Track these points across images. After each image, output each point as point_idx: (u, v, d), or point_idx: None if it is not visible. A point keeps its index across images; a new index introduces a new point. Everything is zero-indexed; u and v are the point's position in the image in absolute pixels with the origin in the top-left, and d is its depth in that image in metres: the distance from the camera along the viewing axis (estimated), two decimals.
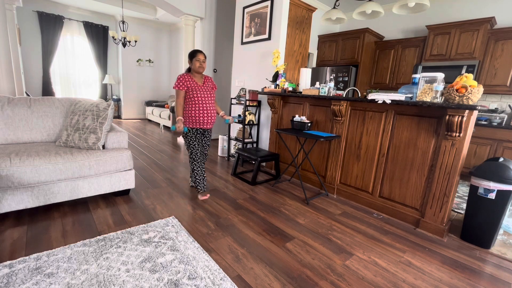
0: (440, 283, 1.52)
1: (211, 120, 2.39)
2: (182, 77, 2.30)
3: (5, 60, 3.13)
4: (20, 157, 1.80)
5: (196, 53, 2.31)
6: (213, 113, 2.41)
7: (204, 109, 2.33)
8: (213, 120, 2.43)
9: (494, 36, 3.45)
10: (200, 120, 2.33)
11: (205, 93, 2.35)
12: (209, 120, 2.38)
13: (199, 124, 2.35)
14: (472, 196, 1.96)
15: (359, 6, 2.96)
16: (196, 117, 2.32)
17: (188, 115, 2.34)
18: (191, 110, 2.31)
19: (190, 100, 2.31)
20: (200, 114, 2.32)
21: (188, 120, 2.34)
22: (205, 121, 2.36)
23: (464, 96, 1.78)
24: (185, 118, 2.35)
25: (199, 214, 2.16)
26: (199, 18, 4.74)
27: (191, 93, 2.30)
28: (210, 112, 2.37)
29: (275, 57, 3.27)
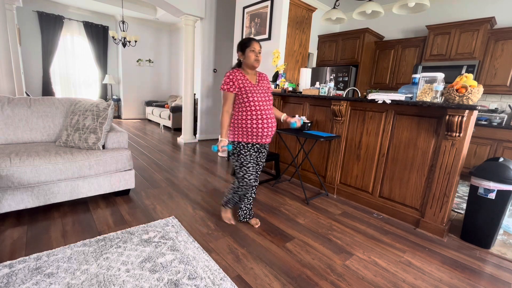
0: (440, 283, 1.52)
1: (271, 131, 1.80)
2: (233, 74, 1.73)
3: (5, 60, 3.13)
4: (20, 157, 1.80)
5: (251, 42, 1.73)
6: (274, 121, 1.82)
7: (262, 117, 1.73)
8: (274, 130, 1.83)
9: (494, 36, 3.45)
10: (259, 132, 1.74)
11: (262, 95, 1.76)
12: (269, 131, 1.78)
13: (256, 138, 1.75)
14: (472, 196, 1.96)
15: (359, 6, 2.97)
16: (252, 128, 1.73)
17: (240, 126, 1.75)
18: (245, 120, 1.73)
19: (242, 105, 1.73)
20: (258, 124, 1.72)
21: (241, 133, 1.75)
22: (265, 133, 1.75)
23: (464, 96, 1.78)
24: (235, 129, 1.77)
25: (199, 214, 2.16)
26: (199, 18, 4.74)
27: (244, 96, 1.71)
28: (270, 120, 1.78)
29: (275, 57, 3.27)
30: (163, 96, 8.10)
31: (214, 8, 4.87)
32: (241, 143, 1.77)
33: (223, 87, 1.74)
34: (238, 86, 1.72)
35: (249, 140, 1.76)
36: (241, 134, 1.76)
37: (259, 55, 1.76)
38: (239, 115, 1.75)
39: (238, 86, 1.72)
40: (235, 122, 1.78)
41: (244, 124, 1.74)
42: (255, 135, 1.75)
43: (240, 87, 1.72)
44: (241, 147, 1.78)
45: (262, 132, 1.75)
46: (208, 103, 5.19)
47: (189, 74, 4.81)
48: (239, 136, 1.77)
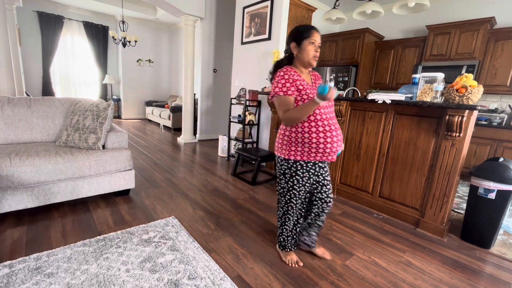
0: (440, 283, 1.52)
1: (340, 144, 1.41)
2: (289, 73, 1.33)
3: (5, 60, 3.13)
4: (20, 157, 1.80)
5: (311, 32, 1.35)
6: (341, 133, 1.44)
7: (330, 128, 1.36)
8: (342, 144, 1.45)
9: (494, 36, 3.45)
10: (327, 147, 1.35)
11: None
12: (338, 145, 1.39)
13: (322, 155, 1.38)
14: (472, 196, 1.96)
15: (359, 6, 2.96)
16: (318, 143, 1.34)
17: (299, 140, 1.37)
18: (308, 132, 1.34)
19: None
20: (326, 138, 1.34)
21: (300, 149, 1.38)
22: (333, 148, 1.37)
23: (464, 96, 1.78)
24: (291, 145, 1.39)
25: (199, 214, 2.16)
26: (199, 18, 4.74)
27: (303, 100, 1.34)
28: (339, 131, 1.41)
29: (275, 57, 3.27)
30: (163, 96, 8.10)
31: (214, 8, 4.87)
32: (299, 162, 1.39)
33: (279, 91, 1.31)
34: (297, 88, 1.32)
35: (310, 158, 1.38)
36: (300, 150, 1.38)
37: (319, 50, 1.40)
38: (298, 127, 1.36)
39: (297, 89, 1.32)
40: (291, 135, 1.38)
41: (307, 139, 1.35)
42: (320, 152, 1.35)
43: (299, 90, 1.32)
44: (297, 167, 1.40)
45: (331, 147, 1.35)
46: (208, 103, 5.19)
47: (189, 74, 4.81)
48: (297, 154, 1.38)
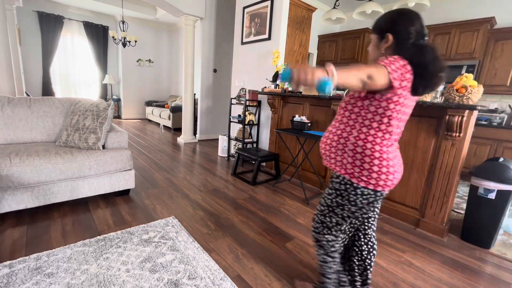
0: (440, 283, 1.52)
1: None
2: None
3: (5, 60, 3.13)
4: (20, 157, 1.80)
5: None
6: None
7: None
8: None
9: (494, 36, 3.45)
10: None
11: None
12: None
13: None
14: (472, 196, 1.96)
15: (359, 6, 2.97)
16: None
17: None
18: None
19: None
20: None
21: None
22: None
23: (464, 96, 1.78)
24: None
25: (199, 214, 2.16)
26: (199, 18, 4.74)
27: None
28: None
29: (275, 57, 3.27)
30: (163, 96, 8.10)
31: (214, 8, 4.87)
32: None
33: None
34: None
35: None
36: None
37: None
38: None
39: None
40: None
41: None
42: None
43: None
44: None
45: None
46: (208, 103, 5.19)
47: (189, 74, 4.81)
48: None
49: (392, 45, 1.03)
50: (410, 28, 1.00)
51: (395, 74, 0.92)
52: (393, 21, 1.03)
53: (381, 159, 1.00)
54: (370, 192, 1.04)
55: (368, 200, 1.06)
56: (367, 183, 1.02)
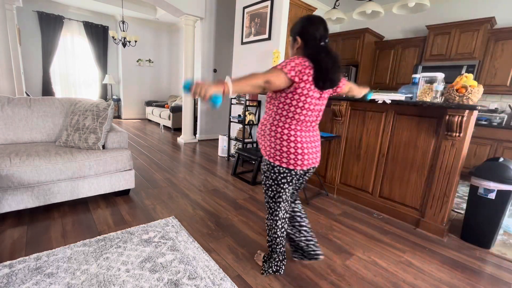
0: (440, 283, 1.52)
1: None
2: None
3: (5, 60, 3.13)
4: (20, 157, 1.80)
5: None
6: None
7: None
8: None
9: (494, 36, 3.45)
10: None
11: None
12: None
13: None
14: (472, 196, 1.96)
15: (359, 6, 2.97)
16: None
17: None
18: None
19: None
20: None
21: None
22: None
23: (464, 96, 1.78)
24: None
25: (199, 214, 2.16)
26: (199, 18, 4.74)
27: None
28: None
29: (275, 57, 3.27)
30: (163, 96, 8.10)
31: (214, 8, 4.87)
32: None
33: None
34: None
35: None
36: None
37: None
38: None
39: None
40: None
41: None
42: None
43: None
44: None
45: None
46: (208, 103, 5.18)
47: (189, 74, 4.81)
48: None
49: (301, 46, 1.26)
50: (315, 32, 1.23)
51: (292, 72, 1.14)
52: (302, 26, 1.26)
53: (289, 141, 1.24)
54: (285, 171, 1.29)
55: (286, 178, 1.30)
56: (280, 162, 1.27)
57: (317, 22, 1.26)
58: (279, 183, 1.32)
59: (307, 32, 1.25)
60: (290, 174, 1.30)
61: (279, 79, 1.14)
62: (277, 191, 1.35)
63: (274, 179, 1.33)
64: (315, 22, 1.26)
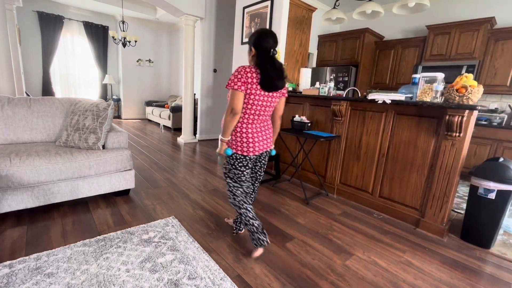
0: (440, 283, 1.52)
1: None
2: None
3: (5, 60, 3.13)
4: (20, 157, 1.80)
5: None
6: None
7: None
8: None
9: (494, 36, 3.45)
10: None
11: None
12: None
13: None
14: (472, 196, 1.96)
15: (359, 6, 2.97)
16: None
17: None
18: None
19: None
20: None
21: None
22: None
23: (464, 96, 1.78)
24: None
25: (199, 214, 2.16)
26: (199, 18, 4.74)
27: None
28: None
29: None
30: (163, 96, 8.10)
31: (214, 8, 4.87)
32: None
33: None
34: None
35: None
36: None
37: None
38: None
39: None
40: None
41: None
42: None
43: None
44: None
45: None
46: (208, 103, 5.19)
47: (189, 74, 4.81)
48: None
49: (255, 55, 1.52)
50: (266, 45, 1.47)
51: (238, 83, 1.42)
52: (256, 38, 1.50)
53: (242, 133, 1.54)
54: (241, 156, 1.57)
55: (242, 162, 1.59)
56: (236, 149, 1.56)
57: (268, 36, 1.49)
58: (237, 166, 1.60)
59: (259, 44, 1.49)
60: (245, 159, 1.59)
61: (238, 98, 1.45)
62: (236, 174, 1.62)
63: (232, 164, 1.61)
64: (267, 36, 1.49)
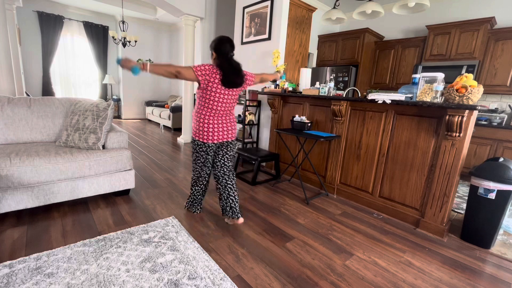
0: (440, 283, 1.52)
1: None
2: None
3: (5, 60, 3.13)
4: (20, 157, 1.80)
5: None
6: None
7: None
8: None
9: (494, 36, 3.45)
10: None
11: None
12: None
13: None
14: (472, 196, 1.96)
15: (359, 6, 2.96)
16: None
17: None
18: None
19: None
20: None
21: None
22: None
23: (464, 96, 1.78)
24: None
25: (199, 214, 2.16)
26: (199, 18, 4.74)
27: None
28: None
29: (275, 57, 3.27)
30: (163, 96, 8.10)
31: (214, 8, 4.87)
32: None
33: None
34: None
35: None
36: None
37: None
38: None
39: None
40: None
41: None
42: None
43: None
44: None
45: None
46: None
47: None
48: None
49: (215, 57, 1.81)
50: (224, 49, 1.78)
51: (199, 73, 1.71)
52: (215, 44, 1.80)
53: (204, 123, 1.82)
54: (201, 143, 1.87)
55: (202, 148, 1.88)
56: (197, 136, 1.86)
57: (225, 42, 1.79)
58: (198, 151, 1.91)
59: (218, 49, 1.79)
60: (204, 146, 1.87)
61: (188, 74, 1.70)
62: (197, 157, 1.94)
63: (194, 148, 1.93)
64: (224, 42, 1.79)
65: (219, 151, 1.95)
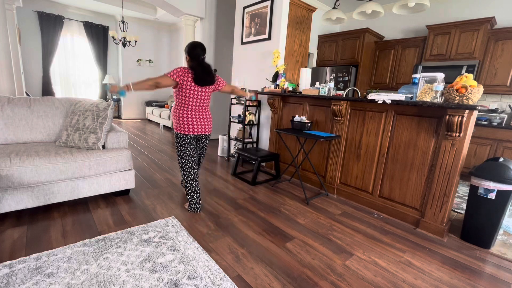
0: (440, 283, 1.52)
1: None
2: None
3: (5, 60, 3.13)
4: (20, 157, 1.80)
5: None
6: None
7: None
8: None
9: (494, 36, 3.45)
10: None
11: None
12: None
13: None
14: (472, 196, 1.96)
15: (359, 6, 2.96)
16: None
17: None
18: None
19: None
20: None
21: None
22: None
23: (464, 96, 1.78)
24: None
25: (199, 214, 2.16)
26: (199, 18, 4.74)
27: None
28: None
29: (275, 57, 3.27)
30: (163, 96, 8.10)
31: (214, 8, 4.88)
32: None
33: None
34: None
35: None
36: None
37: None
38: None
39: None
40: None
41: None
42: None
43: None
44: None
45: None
46: None
47: None
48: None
49: (189, 60, 2.09)
50: (194, 53, 2.07)
51: (175, 75, 1.97)
52: (188, 49, 2.09)
53: (183, 118, 2.09)
54: (182, 135, 2.12)
55: (185, 140, 2.12)
56: (179, 130, 2.12)
57: (197, 46, 2.08)
58: (182, 143, 2.13)
59: (191, 52, 2.07)
60: (186, 137, 2.12)
61: (166, 81, 1.97)
62: (181, 150, 2.14)
63: (178, 141, 2.15)
64: (196, 47, 2.08)
65: (199, 143, 2.27)
